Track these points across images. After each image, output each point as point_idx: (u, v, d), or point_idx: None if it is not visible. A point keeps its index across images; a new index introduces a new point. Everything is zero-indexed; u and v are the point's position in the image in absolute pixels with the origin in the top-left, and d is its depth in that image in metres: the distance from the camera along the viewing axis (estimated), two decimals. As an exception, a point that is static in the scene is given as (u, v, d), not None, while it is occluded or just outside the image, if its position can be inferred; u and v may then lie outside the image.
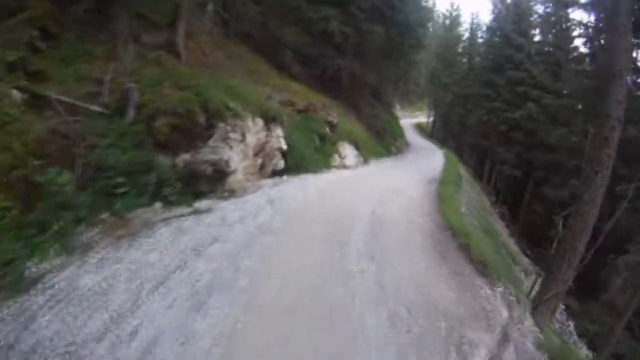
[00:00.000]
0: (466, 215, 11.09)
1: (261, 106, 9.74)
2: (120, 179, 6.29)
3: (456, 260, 6.60)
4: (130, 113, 7.34)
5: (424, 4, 28.70)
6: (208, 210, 6.92)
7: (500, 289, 5.86)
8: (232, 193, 8.04)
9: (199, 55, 12.84)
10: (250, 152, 9.04)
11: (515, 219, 29.18)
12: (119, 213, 6.10)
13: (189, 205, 7.04)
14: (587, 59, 24.41)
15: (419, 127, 52.01)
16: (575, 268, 7.45)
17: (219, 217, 6.71)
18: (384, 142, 23.35)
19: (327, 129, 14.73)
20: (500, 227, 21.65)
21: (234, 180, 8.16)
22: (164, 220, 6.30)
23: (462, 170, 22.98)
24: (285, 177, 10.53)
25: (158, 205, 6.73)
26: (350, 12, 19.47)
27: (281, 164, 10.55)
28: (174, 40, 10.71)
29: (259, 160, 9.60)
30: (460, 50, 49.81)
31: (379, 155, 20.21)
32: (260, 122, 9.45)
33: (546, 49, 31.41)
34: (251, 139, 8.96)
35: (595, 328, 18.63)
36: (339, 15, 19.13)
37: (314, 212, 7.87)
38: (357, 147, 17.17)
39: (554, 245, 8.38)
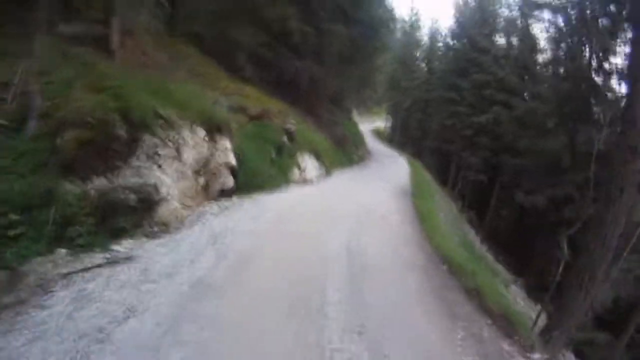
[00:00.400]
0: (446, 232, 9.82)
1: (203, 112, 7.95)
2: (13, 217, 4.53)
3: (469, 315, 5.22)
4: (31, 125, 5.58)
5: (387, 3, 27.65)
6: (128, 258, 5.02)
7: (537, 357, 4.45)
8: (165, 228, 6.22)
9: (138, 55, 11.06)
10: (189, 171, 7.27)
11: (481, 224, 28.64)
12: (9, 266, 4.28)
13: (105, 249, 5.18)
14: (559, 62, 24.03)
15: (377, 133, 51.70)
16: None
17: (141, 268, 4.82)
18: (345, 151, 22.00)
19: (285, 139, 13.11)
20: (472, 236, 20.83)
21: (166, 210, 6.35)
22: (64, 276, 4.41)
23: (428, 178, 22.04)
24: (235, 199, 8.81)
25: (62, 252, 4.84)
26: (310, 10, 18.03)
27: (230, 182, 8.84)
28: (106, 36, 8.85)
29: (202, 180, 7.83)
30: (419, 55, 49.59)
31: (341, 165, 18.83)
32: (201, 132, 7.69)
33: (511, 51, 31.27)
34: (190, 154, 7.20)
35: (579, 336, 18.28)
36: (298, 13, 17.61)
37: (272, 253, 6.10)
38: (319, 157, 15.70)
39: (560, 269, 7.43)
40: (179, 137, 6.88)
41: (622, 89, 19.86)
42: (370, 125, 53.96)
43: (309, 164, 14.46)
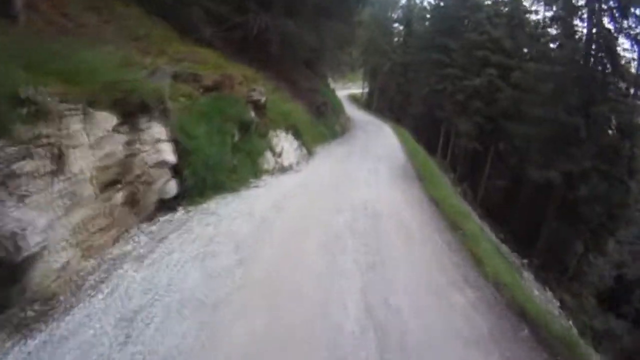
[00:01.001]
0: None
1: (114, 87, 4.89)
2: None
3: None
4: None
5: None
6: None
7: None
8: (46, 308, 3.39)
9: (57, 18, 7.94)
10: (90, 188, 4.32)
11: (475, 197, 26.50)
12: None
13: None
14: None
15: (354, 99, 49.16)
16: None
17: None
18: (327, 121, 19.11)
19: (252, 114, 10.05)
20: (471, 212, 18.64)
21: (45, 272, 3.49)
22: None
23: (422, 151, 19.45)
24: (180, 214, 5.98)
25: None
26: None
27: (172, 187, 6.01)
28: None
29: (119, 196, 4.91)
30: (397, 15, 46.33)
31: (324, 140, 16.05)
32: (109, 118, 4.70)
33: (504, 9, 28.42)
34: (85, 161, 4.25)
35: (596, 325, 16.99)
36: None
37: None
38: (298, 135, 12.83)
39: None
40: (62, 134, 3.89)
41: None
42: (346, 91, 51.20)
43: (286, 145, 11.59)
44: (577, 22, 21.45)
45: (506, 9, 28.99)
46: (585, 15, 20.72)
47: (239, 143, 8.92)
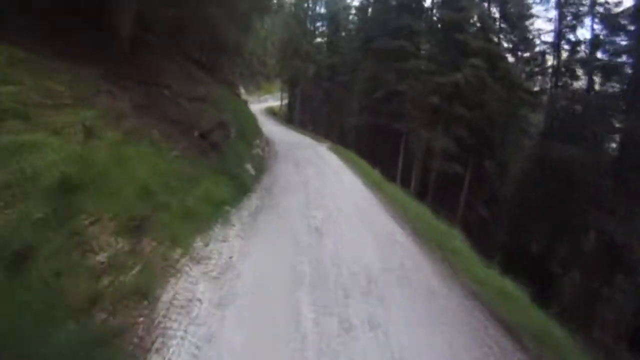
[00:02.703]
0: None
1: None
2: None
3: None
4: None
5: None
6: None
7: None
8: None
9: None
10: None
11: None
12: None
13: None
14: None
15: (272, 112, 42.75)
16: None
17: None
18: (227, 162, 9.77)
19: None
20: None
21: None
22: None
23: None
24: None
25: None
26: None
27: None
28: None
29: None
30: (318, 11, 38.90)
31: (215, 214, 7.00)
32: None
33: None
34: None
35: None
36: None
37: None
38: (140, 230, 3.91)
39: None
40: None
41: None
42: (262, 104, 45.32)
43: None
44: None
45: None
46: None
47: None
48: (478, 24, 21.01)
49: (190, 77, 12.90)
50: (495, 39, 20.94)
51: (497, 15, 23.03)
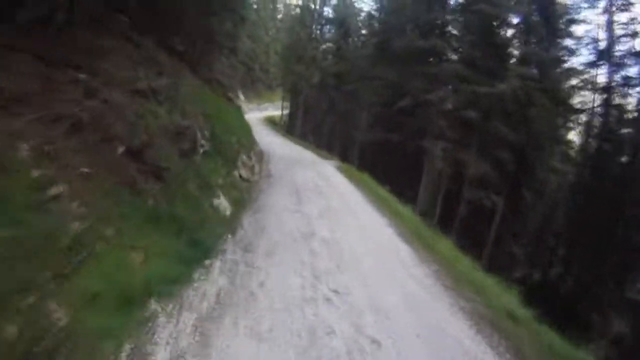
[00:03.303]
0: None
1: None
2: None
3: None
4: None
5: None
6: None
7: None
8: None
9: None
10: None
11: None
12: None
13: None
14: None
15: (272, 122, 38.92)
16: None
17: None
18: (172, 199, 5.70)
19: None
20: None
21: None
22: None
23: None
24: None
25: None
26: None
27: None
28: None
29: None
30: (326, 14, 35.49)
31: (115, 331, 3.13)
32: None
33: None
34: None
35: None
36: None
37: None
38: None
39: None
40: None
41: None
42: (262, 113, 41.73)
43: None
44: None
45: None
46: None
47: None
48: (521, 26, 17.33)
49: (152, 66, 9.09)
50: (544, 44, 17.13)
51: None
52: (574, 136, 23.91)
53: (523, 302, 6.00)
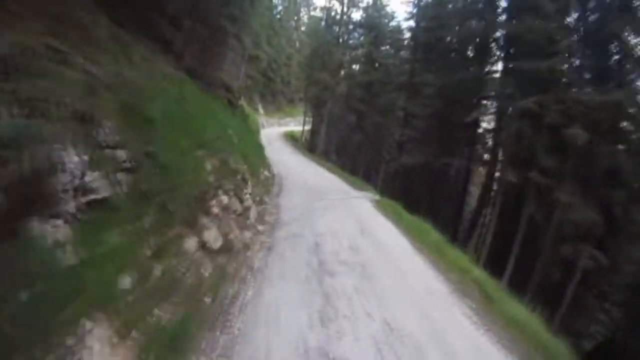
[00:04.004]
0: None
1: None
2: None
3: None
4: None
5: None
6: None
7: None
8: None
9: None
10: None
11: None
12: None
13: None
14: None
15: (292, 138, 36.02)
16: None
17: None
18: None
19: None
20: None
21: None
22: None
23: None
24: None
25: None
26: None
27: None
28: None
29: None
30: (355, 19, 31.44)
31: None
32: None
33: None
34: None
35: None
36: None
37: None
38: None
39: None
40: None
41: None
42: (282, 128, 40.75)
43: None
44: None
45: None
46: None
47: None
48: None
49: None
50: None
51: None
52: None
53: None
